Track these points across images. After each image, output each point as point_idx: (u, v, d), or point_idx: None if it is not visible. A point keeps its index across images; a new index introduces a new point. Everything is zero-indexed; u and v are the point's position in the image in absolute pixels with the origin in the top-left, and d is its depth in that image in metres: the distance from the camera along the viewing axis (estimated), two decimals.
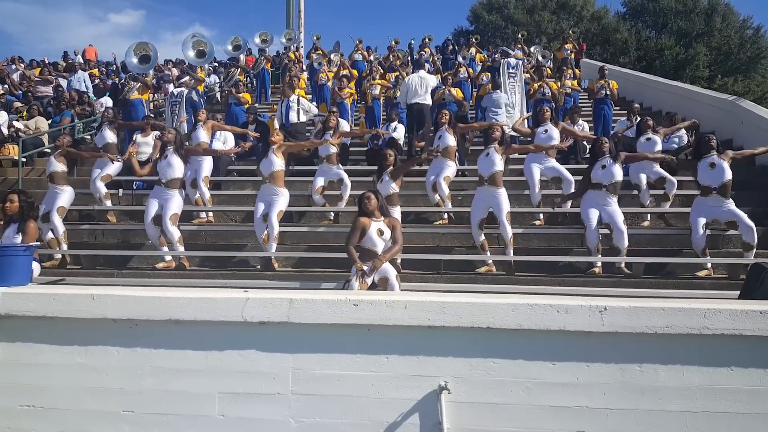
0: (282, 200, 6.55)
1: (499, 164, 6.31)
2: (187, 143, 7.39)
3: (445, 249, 6.87)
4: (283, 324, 2.61)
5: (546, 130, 7.46)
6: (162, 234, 6.59)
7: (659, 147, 7.40)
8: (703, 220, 6.01)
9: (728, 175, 5.95)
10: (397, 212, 6.31)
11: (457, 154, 7.77)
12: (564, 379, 2.49)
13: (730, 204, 5.97)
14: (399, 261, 6.33)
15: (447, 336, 2.54)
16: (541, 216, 7.27)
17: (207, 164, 7.88)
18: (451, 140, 7.35)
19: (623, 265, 6.15)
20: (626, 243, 6.07)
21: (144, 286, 5.08)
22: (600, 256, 6.21)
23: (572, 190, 6.99)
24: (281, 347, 2.64)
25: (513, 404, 2.51)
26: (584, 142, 9.13)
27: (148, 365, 2.71)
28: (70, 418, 2.73)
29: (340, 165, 7.71)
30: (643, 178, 7.12)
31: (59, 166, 7.01)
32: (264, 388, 2.63)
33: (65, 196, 6.96)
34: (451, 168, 7.33)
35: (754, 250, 5.90)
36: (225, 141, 8.99)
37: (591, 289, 5.61)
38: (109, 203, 7.91)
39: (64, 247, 6.88)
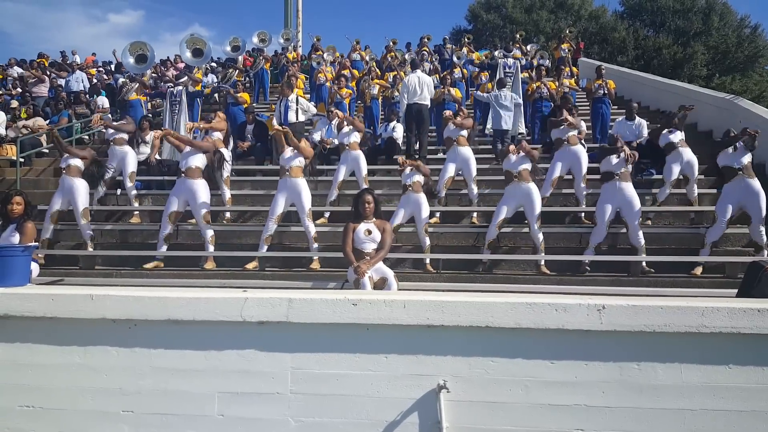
0: (308, 195, 6.64)
1: (528, 162, 6.44)
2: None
3: (444, 248, 6.87)
4: (282, 323, 2.61)
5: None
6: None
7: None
8: (731, 208, 6.00)
9: (749, 156, 6.10)
10: (423, 198, 6.48)
11: None
12: (562, 377, 2.49)
13: (759, 187, 5.99)
14: (429, 258, 6.49)
15: (446, 335, 2.54)
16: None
17: (226, 165, 7.89)
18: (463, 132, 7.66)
19: (644, 263, 6.22)
20: (642, 241, 6.15)
21: (143, 286, 5.09)
22: (592, 252, 6.24)
23: (583, 190, 7.18)
24: (280, 347, 2.64)
25: (512, 403, 2.51)
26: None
27: (147, 365, 2.70)
28: (70, 418, 2.73)
29: (360, 151, 7.93)
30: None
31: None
32: (263, 387, 2.63)
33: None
34: (473, 160, 7.56)
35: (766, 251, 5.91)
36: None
37: (589, 287, 5.62)
38: (137, 204, 7.95)
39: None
